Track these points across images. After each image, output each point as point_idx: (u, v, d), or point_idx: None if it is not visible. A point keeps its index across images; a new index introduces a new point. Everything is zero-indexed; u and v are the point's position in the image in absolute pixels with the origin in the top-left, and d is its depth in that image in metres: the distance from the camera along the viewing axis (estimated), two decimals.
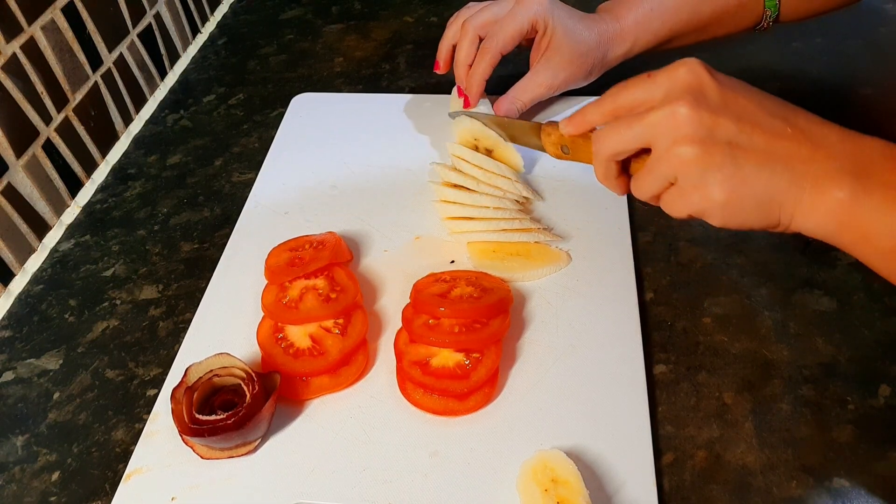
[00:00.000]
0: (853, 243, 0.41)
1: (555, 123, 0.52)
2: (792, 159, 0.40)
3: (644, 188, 0.45)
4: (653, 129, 0.42)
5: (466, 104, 0.63)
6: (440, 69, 0.65)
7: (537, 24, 0.60)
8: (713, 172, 0.41)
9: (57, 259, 0.62)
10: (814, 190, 0.40)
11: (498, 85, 0.64)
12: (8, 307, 0.59)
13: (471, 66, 0.62)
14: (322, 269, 0.53)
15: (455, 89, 0.66)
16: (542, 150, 0.54)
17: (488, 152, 0.60)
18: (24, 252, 0.61)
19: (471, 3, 0.64)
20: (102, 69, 0.69)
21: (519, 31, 0.60)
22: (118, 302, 0.58)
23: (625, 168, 0.46)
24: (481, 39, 0.62)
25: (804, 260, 0.55)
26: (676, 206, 0.43)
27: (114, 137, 0.72)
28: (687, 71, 0.42)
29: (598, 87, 0.72)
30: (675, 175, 0.42)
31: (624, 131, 0.44)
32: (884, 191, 0.39)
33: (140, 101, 0.76)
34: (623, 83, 0.46)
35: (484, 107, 0.63)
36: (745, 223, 0.42)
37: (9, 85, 0.58)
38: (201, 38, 0.86)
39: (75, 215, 0.66)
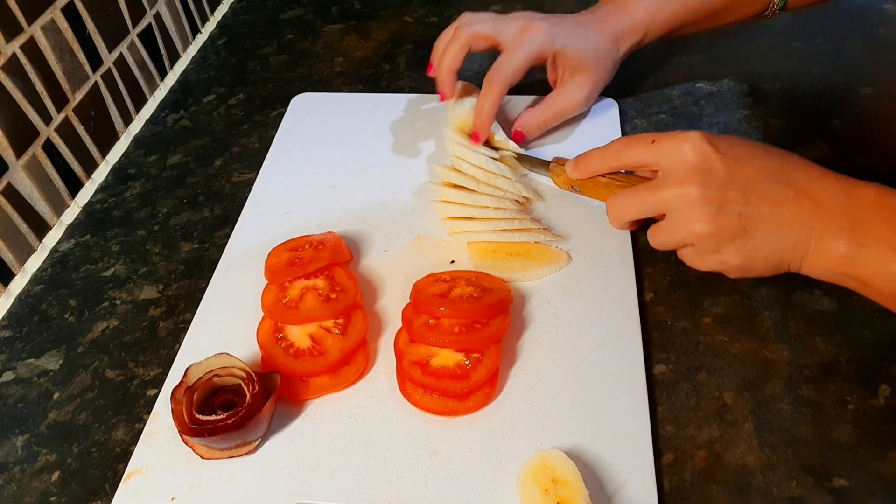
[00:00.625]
0: (856, 288, 0.46)
1: (563, 161, 0.57)
2: (796, 221, 0.45)
3: (660, 244, 0.51)
4: (666, 205, 0.48)
5: (475, 138, 0.62)
6: (432, 72, 0.65)
7: (544, 53, 0.60)
8: (727, 243, 0.46)
9: (57, 259, 0.62)
10: (817, 246, 0.45)
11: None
12: (8, 307, 0.59)
13: (455, 71, 0.61)
14: (322, 270, 0.53)
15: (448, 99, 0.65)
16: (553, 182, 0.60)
17: (486, 142, 0.61)
18: (24, 252, 0.61)
19: (468, 13, 0.64)
20: (102, 69, 0.69)
21: (526, 63, 0.60)
22: (118, 302, 0.58)
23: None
24: (470, 50, 0.61)
25: None
26: (695, 264, 0.50)
27: (114, 137, 0.72)
28: (691, 149, 0.46)
29: None
30: (691, 243, 0.48)
31: (637, 203, 0.50)
32: (878, 244, 0.43)
33: (140, 101, 0.76)
34: (627, 141, 0.51)
35: (498, 134, 0.63)
36: (759, 275, 0.48)
37: (9, 85, 0.58)
38: (201, 38, 0.86)
39: (75, 215, 0.66)
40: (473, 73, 0.76)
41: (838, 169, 0.47)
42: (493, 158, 0.60)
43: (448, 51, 0.61)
